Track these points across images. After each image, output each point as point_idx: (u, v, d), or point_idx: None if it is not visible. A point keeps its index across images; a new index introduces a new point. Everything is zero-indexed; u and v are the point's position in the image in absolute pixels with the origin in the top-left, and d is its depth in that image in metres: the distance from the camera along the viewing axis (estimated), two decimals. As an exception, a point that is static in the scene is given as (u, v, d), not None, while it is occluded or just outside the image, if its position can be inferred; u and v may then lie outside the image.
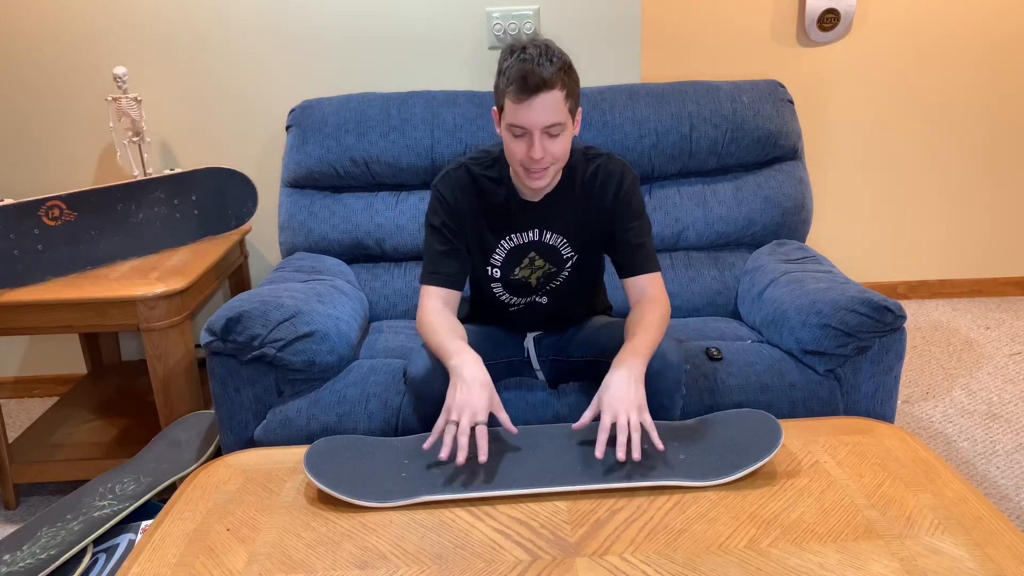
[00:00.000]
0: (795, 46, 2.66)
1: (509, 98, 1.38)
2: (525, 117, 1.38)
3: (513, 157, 1.44)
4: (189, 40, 2.31)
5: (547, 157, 1.41)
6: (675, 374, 1.49)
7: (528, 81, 1.35)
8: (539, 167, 1.43)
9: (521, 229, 1.58)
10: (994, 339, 2.66)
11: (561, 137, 1.42)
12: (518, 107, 1.38)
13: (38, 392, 2.64)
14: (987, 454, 2.05)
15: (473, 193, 1.56)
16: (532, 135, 1.39)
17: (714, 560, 1.09)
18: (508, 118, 1.40)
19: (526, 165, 1.43)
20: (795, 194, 2.18)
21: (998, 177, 2.85)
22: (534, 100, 1.36)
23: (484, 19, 2.31)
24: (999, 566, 1.06)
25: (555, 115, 1.38)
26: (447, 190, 1.56)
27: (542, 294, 1.67)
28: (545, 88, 1.36)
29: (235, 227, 2.27)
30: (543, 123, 1.38)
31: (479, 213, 1.57)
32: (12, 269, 1.87)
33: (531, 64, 1.35)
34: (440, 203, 1.56)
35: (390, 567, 1.11)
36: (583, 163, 1.56)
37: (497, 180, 1.56)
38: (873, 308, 1.62)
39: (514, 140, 1.42)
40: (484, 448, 1.29)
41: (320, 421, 1.66)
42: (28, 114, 2.36)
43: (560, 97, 1.38)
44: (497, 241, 1.59)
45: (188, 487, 1.35)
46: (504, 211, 1.57)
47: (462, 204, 1.56)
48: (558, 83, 1.37)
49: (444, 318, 1.50)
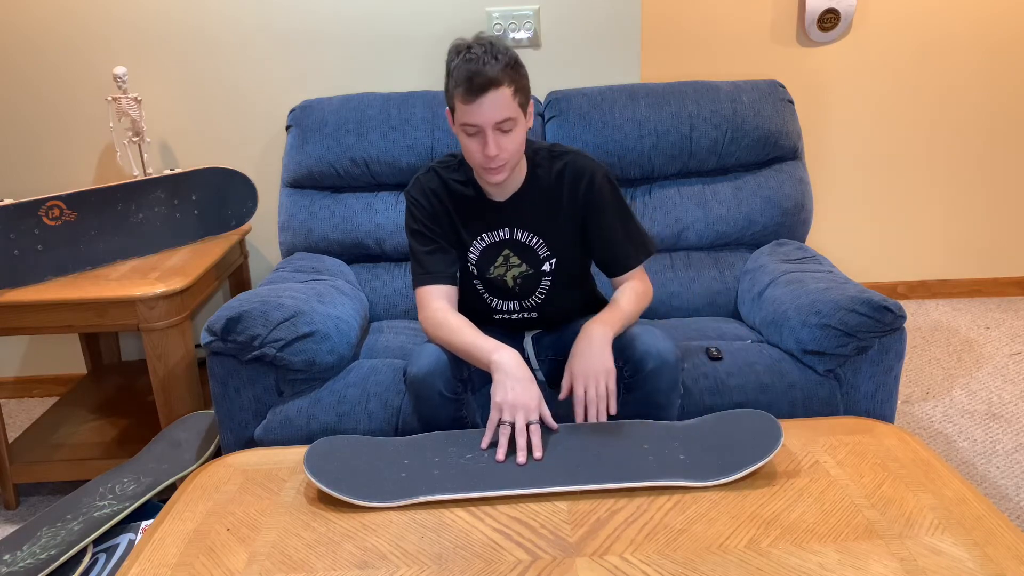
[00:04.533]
0: (795, 46, 2.66)
1: (458, 99, 1.41)
2: (476, 116, 1.41)
3: (470, 156, 1.47)
4: (189, 40, 2.31)
5: (502, 154, 1.44)
6: (672, 373, 1.49)
7: (474, 81, 1.38)
8: (496, 164, 1.45)
9: (492, 228, 1.60)
10: (994, 339, 2.66)
11: (514, 132, 1.44)
12: (468, 107, 1.40)
13: (38, 392, 2.64)
14: (987, 454, 2.05)
15: (444, 194, 1.59)
16: (485, 133, 1.42)
17: (714, 560, 1.09)
18: (460, 118, 1.43)
19: (482, 164, 1.46)
20: (795, 194, 2.18)
21: (998, 177, 2.85)
22: (482, 99, 1.39)
23: (484, 19, 2.31)
24: (999, 566, 1.06)
25: (505, 111, 1.41)
26: (419, 194, 1.59)
27: (531, 310, 1.67)
28: (492, 87, 1.38)
29: (235, 227, 2.27)
30: (493, 120, 1.41)
31: (452, 213, 1.59)
32: (12, 269, 1.87)
33: (476, 64, 1.38)
34: (415, 207, 1.59)
35: (390, 567, 1.11)
36: (548, 161, 1.58)
37: (464, 182, 1.59)
38: (873, 308, 1.62)
39: (468, 139, 1.45)
40: (539, 445, 1.34)
41: (320, 421, 1.66)
42: (28, 114, 2.36)
43: (508, 94, 1.41)
44: (471, 240, 1.61)
45: (188, 487, 1.35)
46: (475, 211, 1.59)
47: (436, 206, 1.59)
48: (505, 80, 1.40)
49: (457, 316, 1.52)
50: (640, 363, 1.48)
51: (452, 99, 1.44)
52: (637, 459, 1.31)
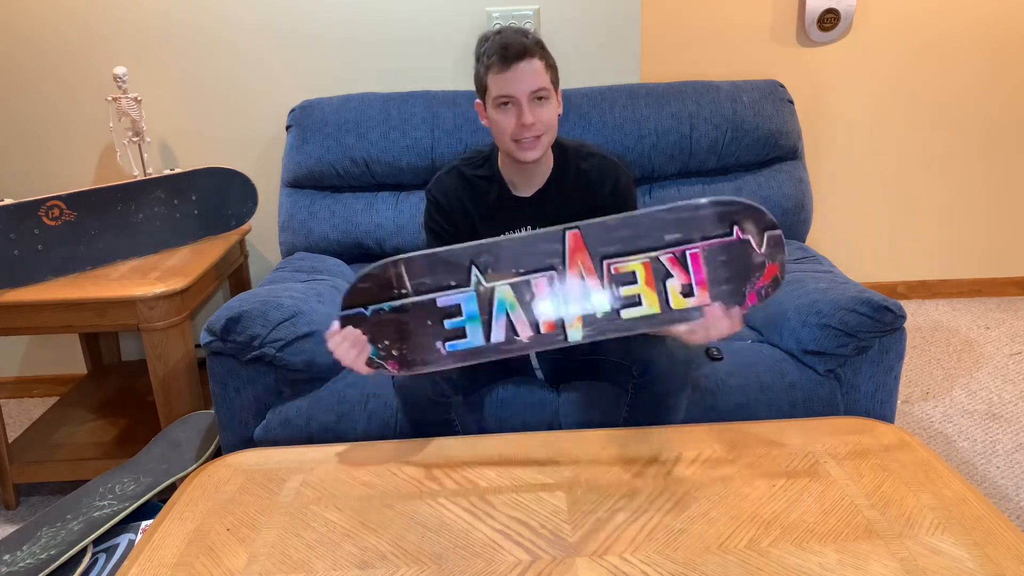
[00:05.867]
0: (795, 46, 2.66)
1: (492, 72, 1.42)
2: (512, 85, 1.41)
3: (504, 133, 1.46)
4: (189, 40, 2.31)
5: (538, 124, 1.43)
6: (682, 372, 1.49)
7: (509, 50, 1.40)
8: (531, 135, 1.44)
9: (514, 226, 1.58)
10: (994, 339, 2.66)
11: (549, 104, 1.45)
12: (502, 77, 1.41)
13: (38, 392, 2.64)
14: (987, 454, 2.05)
15: (465, 194, 1.58)
16: (520, 102, 1.42)
17: (714, 560, 1.09)
18: (494, 91, 1.43)
19: (517, 136, 1.44)
20: (795, 194, 2.18)
21: (998, 177, 2.85)
22: (517, 67, 1.40)
23: (484, 19, 2.31)
24: (999, 566, 1.06)
25: (539, 79, 1.42)
26: (440, 194, 1.59)
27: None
28: (527, 55, 1.41)
29: (235, 227, 2.27)
30: (529, 88, 1.41)
31: (472, 213, 1.58)
32: (12, 269, 1.87)
33: (508, 38, 1.41)
34: (434, 207, 1.59)
35: (390, 567, 1.11)
36: (575, 158, 1.57)
37: (488, 178, 1.58)
38: (873, 308, 1.62)
39: (503, 114, 1.44)
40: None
41: (320, 421, 1.66)
42: (28, 114, 2.36)
43: (541, 66, 1.43)
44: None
45: (188, 487, 1.35)
46: (497, 209, 1.58)
47: (455, 206, 1.57)
48: (536, 53, 1.42)
49: None
50: (650, 363, 1.48)
51: (485, 78, 1.45)
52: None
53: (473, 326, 1.32)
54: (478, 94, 1.50)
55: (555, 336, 1.31)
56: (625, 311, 1.30)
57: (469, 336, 1.32)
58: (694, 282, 1.29)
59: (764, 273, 1.30)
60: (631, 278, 1.30)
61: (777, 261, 1.30)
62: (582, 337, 1.30)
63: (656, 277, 1.30)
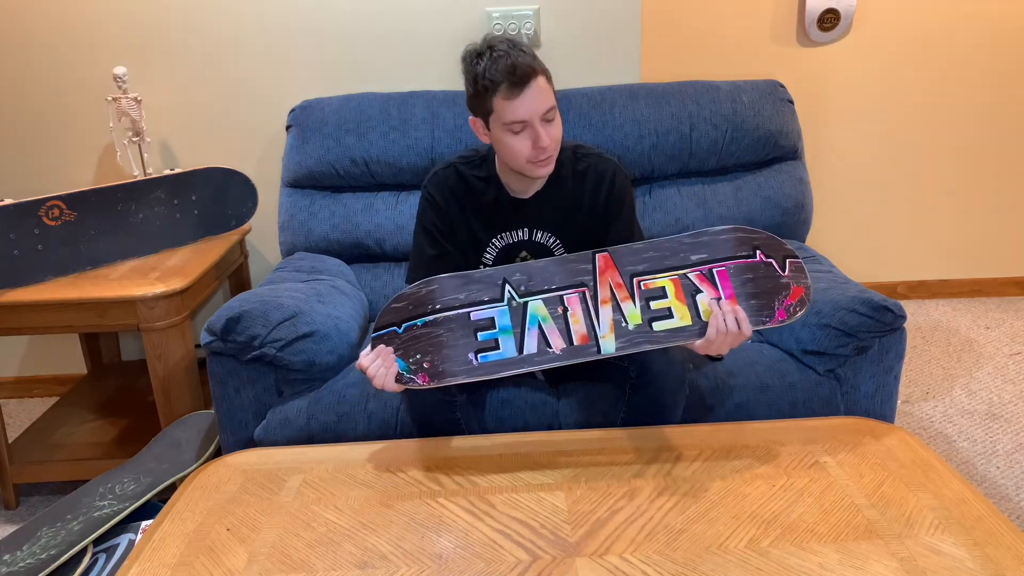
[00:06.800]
0: (795, 46, 2.66)
1: (500, 96, 1.38)
2: (525, 110, 1.38)
3: (518, 156, 1.43)
4: (189, 40, 2.31)
5: (553, 144, 1.43)
6: (678, 373, 1.49)
7: (517, 73, 1.36)
8: (547, 155, 1.44)
9: (511, 228, 1.57)
10: (994, 339, 2.66)
11: (556, 121, 1.44)
12: (513, 102, 1.38)
13: (38, 392, 2.64)
14: (987, 454, 2.05)
15: (463, 193, 1.56)
16: (535, 126, 1.40)
17: (714, 560, 1.09)
18: (505, 117, 1.40)
19: (534, 159, 1.43)
20: (795, 194, 2.18)
21: (998, 177, 2.85)
22: (527, 91, 1.38)
23: (484, 19, 2.31)
24: (999, 566, 1.06)
25: (548, 99, 1.41)
26: (436, 191, 1.56)
27: None
28: (534, 75, 1.38)
29: (235, 227, 2.27)
30: (542, 110, 1.40)
31: (469, 213, 1.56)
32: (12, 269, 1.87)
33: (510, 58, 1.37)
34: (430, 204, 1.57)
35: (390, 567, 1.11)
36: (572, 160, 1.56)
37: (486, 179, 1.56)
38: (873, 308, 1.62)
39: (515, 138, 1.41)
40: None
41: (320, 421, 1.66)
42: (28, 114, 2.35)
43: (545, 82, 1.41)
44: (488, 240, 1.58)
45: (188, 487, 1.35)
46: (494, 210, 1.56)
47: (452, 204, 1.56)
48: (540, 69, 1.40)
49: None
50: (646, 364, 1.48)
51: (488, 102, 1.40)
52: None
53: (506, 337, 1.33)
54: (476, 114, 1.46)
55: (588, 348, 1.32)
56: (656, 323, 1.32)
57: (502, 348, 1.33)
58: (723, 296, 1.33)
59: (791, 292, 1.34)
60: (661, 293, 1.33)
61: (802, 284, 1.34)
62: (615, 349, 1.32)
63: (685, 292, 1.33)
